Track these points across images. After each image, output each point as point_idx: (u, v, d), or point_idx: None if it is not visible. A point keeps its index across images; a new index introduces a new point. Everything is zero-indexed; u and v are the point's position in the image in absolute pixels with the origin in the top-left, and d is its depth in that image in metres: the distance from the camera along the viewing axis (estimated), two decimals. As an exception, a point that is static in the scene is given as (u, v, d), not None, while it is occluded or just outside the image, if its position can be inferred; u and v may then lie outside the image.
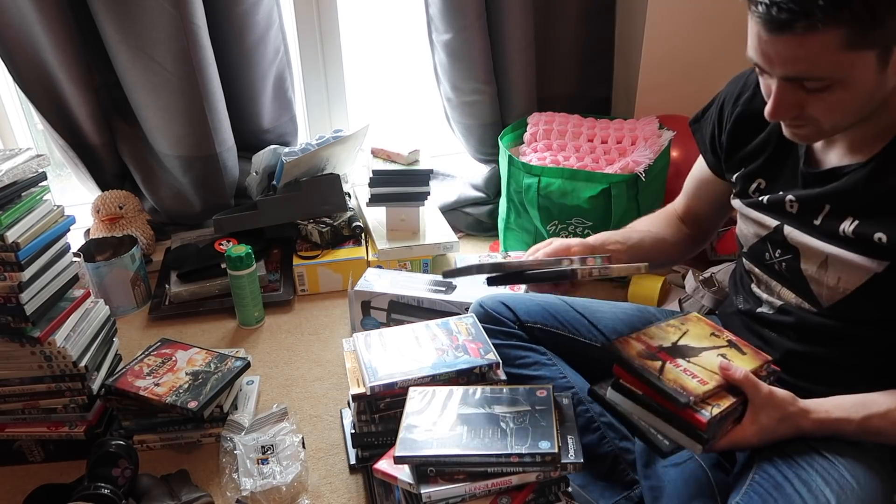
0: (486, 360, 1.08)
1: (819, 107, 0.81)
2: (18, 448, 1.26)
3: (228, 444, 1.23)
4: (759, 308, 1.03)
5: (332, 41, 1.97)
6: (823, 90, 0.78)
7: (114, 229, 1.81)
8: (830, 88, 0.78)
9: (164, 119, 1.74)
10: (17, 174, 1.11)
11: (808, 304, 0.95)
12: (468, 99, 1.95)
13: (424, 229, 1.83)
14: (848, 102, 0.79)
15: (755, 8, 0.76)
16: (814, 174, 0.91)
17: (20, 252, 1.10)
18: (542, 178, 1.66)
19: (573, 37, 1.97)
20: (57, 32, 1.61)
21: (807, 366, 0.97)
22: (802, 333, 0.97)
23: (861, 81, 0.77)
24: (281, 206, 1.81)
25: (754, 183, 1.01)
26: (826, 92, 0.78)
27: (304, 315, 1.71)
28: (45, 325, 1.18)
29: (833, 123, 0.83)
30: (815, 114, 0.82)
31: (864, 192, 0.86)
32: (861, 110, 0.81)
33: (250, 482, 1.14)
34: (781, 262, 0.97)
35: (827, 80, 0.77)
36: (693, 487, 0.96)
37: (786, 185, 0.96)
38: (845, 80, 0.77)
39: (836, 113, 0.81)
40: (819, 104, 0.80)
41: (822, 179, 0.90)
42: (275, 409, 1.32)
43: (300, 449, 1.22)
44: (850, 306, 0.90)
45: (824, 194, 0.90)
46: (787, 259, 0.96)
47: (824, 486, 0.83)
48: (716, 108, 1.08)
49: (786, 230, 0.95)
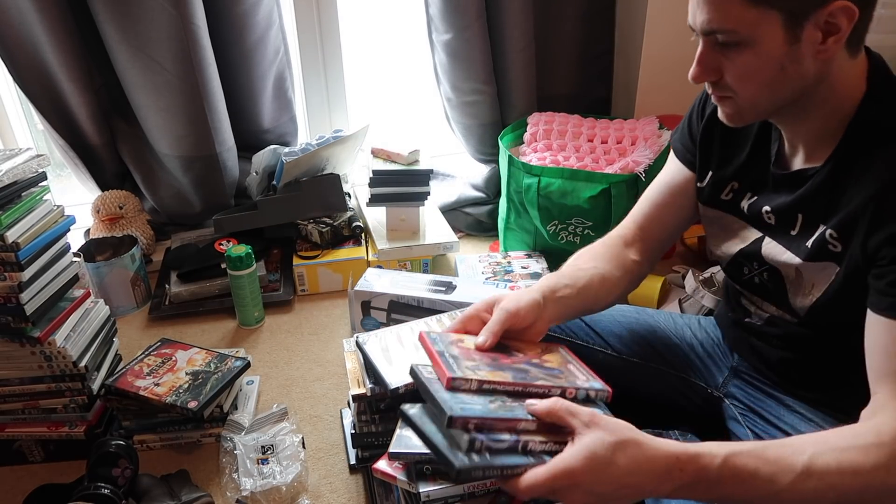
0: None
1: (733, 72, 0.81)
2: (18, 448, 1.26)
3: (228, 444, 1.23)
4: (748, 318, 1.03)
5: (332, 41, 1.97)
6: (734, 48, 0.79)
7: (114, 229, 1.81)
8: (739, 48, 0.78)
9: (164, 119, 1.74)
10: (17, 174, 1.11)
11: (789, 315, 0.94)
12: (468, 99, 1.95)
13: (424, 229, 1.83)
14: (757, 69, 0.79)
15: None
16: (783, 175, 0.90)
17: (20, 252, 1.10)
18: (542, 178, 1.66)
19: (573, 37, 1.97)
20: (57, 32, 1.61)
21: (802, 374, 0.97)
22: (790, 342, 0.97)
23: (768, 46, 0.77)
24: (281, 206, 1.81)
25: (727, 187, 1.00)
26: (736, 51, 0.79)
27: (304, 315, 1.71)
28: (45, 325, 1.18)
29: (748, 96, 0.83)
30: (730, 81, 0.82)
31: (823, 195, 0.85)
32: (773, 84, 0.80)
33: (250, 482, 1.15)
34: (762, 274, 0.96)
35: (735, 34, 0.77)
36: None
37: (756, 188, 0.95)
38: (752, 39, 0.77)
39: (748, 81, 0.81)
40: (733, 69, 0.81)
41: (789, 181, 0.89)
42: (275, 409, 1.32)
43: (300, 449, 1.22)
44: (823, 312, 0.88)
45: (795, 203, 0.89)
46: (766, 270, 0.95)
47: None
48: (684, 126, 1.08)
49: (764, 242, 0.94)
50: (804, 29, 0.75)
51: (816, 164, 0.86)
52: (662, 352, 1.15)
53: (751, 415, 1.03)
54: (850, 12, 0.74)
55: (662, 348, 1.15)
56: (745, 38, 0.77)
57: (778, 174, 0.91)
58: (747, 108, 0.85)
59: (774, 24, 0.76)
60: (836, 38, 0.76)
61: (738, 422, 1.04)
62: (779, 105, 0.84)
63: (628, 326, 1.17)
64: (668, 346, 1.15)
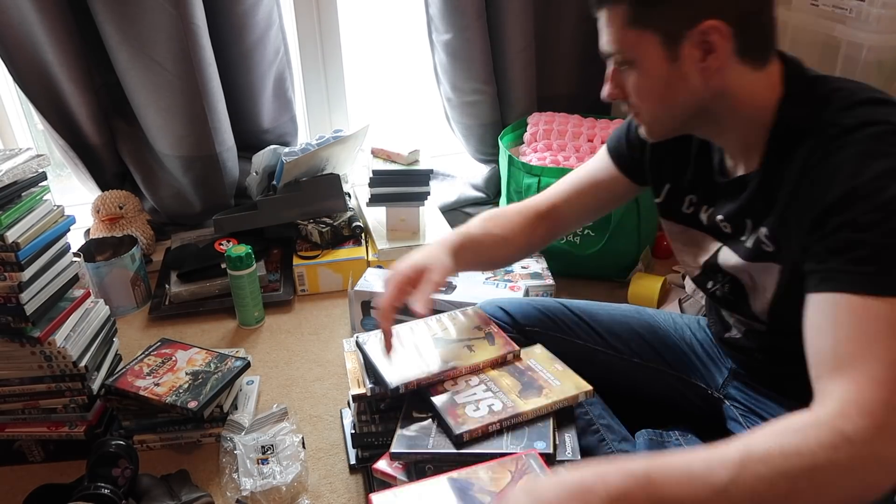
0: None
1: (630, 90, 0.86)
2: (18, 448, 1.26)
3: (228, 444, 1.23)
4: (727, 333, 1.04)
5: (332, 41, 1.97)
6: (627, 68, 0.84)
7: (114, 229, 1.81)
8: (629, 69, 0.84)
9: (164, 119, 1.74)
10: (17, 174, 1.11)
11: (756, 323, 0.95)
12: (468, 99, 1.95)
13: (424, 229, 1.83)
14: (647, 87, 0.84)
15: None
16: (727, 182, 0.92)
17: (20, 252, 1.10)
18: (542, 178, 1.66)
19: (573, 37, 1.97)
20: (57, 33, 1.61)
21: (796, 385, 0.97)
22: (772, 355, 0.98)
23: (649, 64, 0.82)
24: (281, 206, 1.81)
25: (685, 200, 1.00)
26: (628, 71, 0.84)
27: (304, 315, 1.71)
28: (45, 325, 1.18)
29: (647, 111, 0.88)
30: (631, 99, 0.87)
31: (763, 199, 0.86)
32: (665, 100, 0.84)
33: (250, 482, 1.15)
34: (724, 286, 0.96)
35: (622, 54, 0.83)
36: None
37: (710, 199, 0.96)
38: (636, 60, 0.82)
39: (643, 99, 0.86)
40: (629, 87, 0.86)
41: (732, 188, 0.90)
42: (275, 409, 1.32)
43: (300, 449, 1.22)
44: (782, 314, 0.87)
45: (740, 209, 0.89)
46: (728, 281, 0.95)
47: None
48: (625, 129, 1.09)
49: (721, 253, 0.94)
50: (681, 48, 0.79)
51: (751, 171, 0.87)
52: (662, 352, 1.15)
53: (752, 416, 1.03)
54: (721, 31, 0.77)
55: (662, 348, 1.15)
56: (630, 59, 0.83)
57: (722, 182, 0.93)
58: (652, 122, 0.90)
59: (653, 44, 0.80)
60: (714, 56, 0.79)
61: (739, 423, 1.03)
62: (681, 119, 0.87)
63: (628, 326, 1.17)
64: (668, 346, 1.15)
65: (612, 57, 0.86)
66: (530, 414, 0.95)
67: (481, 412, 0.96)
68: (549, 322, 1.16)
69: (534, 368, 1.04)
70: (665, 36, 0.79)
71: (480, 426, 0.93)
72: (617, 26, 0.82)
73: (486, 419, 0.94)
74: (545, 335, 1.15)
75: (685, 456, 0.67)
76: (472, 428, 0.93)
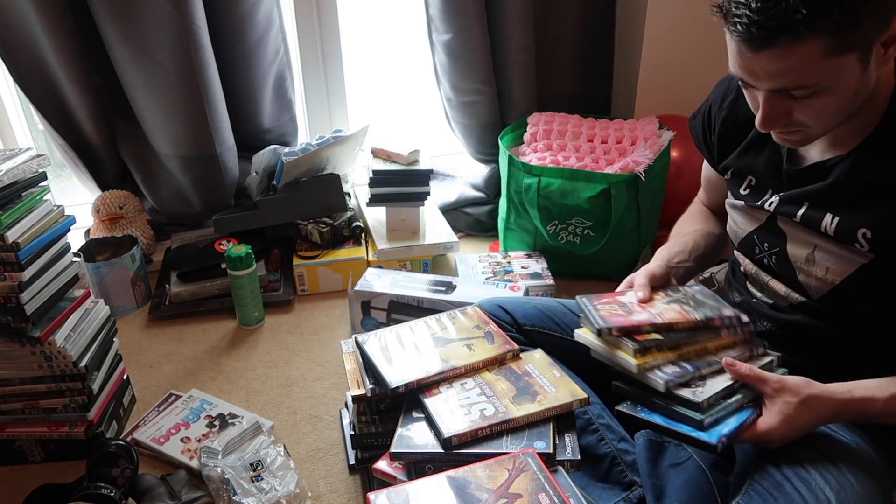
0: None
1: (808, 113, 0.83)
2: (18, 448, 1.26)
3: (213, 471, 1.17)
4: (753, 300, 1.05)
5: (332, 41, 1.97)
6: (811, 97, 0.80)
7: (114, 229, 1.81)
8: (818, 94, 0.80)
9: (164, 119, 1.74)
10: (17, 174, 1.11)
11: (798, 294, 0.96)
12: (468, 99, 1.95)
13: (424, 229, 1.83)
14: (835, 105, 0.82)
15: (734, 28, 0.77)
16: (797, 171, 0.93)
17: (20, 252, 1.10)
18: (542, 178, 1.66)
19: (573, 37, 1.97)
20: (57, 33, 1.61)
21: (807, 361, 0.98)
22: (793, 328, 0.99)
23: (846, 83, 0.80)
24: (281, 206, 1.81)
25: (745, 181, 1.04)
26: (813, 98, 0.81)
27: (304, 315, 1.71)
28: (45, 325, 1.18)
29: (822, 127, 0.86)
30: (804, 119, 0.84)
31: (844, 185, 0.87)
32: (848, 109, 0.84)
33: (255, 501, 1.12)
34: (771, 255, 0.99)
35: (815, 87, 0.79)
36: (693, 488, 0.96)
37: (772, 184, 0.98)
38: (832, 85, 0.79)
39: (825, 116, 0.84)
40: (807, 110, 0.83)
41: (804, 175, 0.92)
42: (246, 427, 1.28)
43: (287, 458, 1.21)
44: (839, 297, 0.91)
45: (804, 193, 0.92)
46: (775, 252, 0.98)
47: (824, 485, 0.83)
48: (704, 113, 1.11)
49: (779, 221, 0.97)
50: (872, 53, 0.78)
51: (836, 155, 0.88)
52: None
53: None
54: None
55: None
56: (826, 86, 0.79)
57: (792, 171, 0.94)
58: (818, 134, 0.89)
59: (852, 63, 0.78)
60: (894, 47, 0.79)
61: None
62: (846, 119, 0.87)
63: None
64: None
65: (785, 90, 0.81)
66: (521, 420, 0.95)
67: (473, 416, 0.95)
68: (549, 321, 1.17)
69: (531, 373, 1.04)
70: (863, 51, 0.78)
71: (470, 430, 0.93)
72: (813, 59, 0.76)
73: (477, 423, 0.94)
74: (545, 334, 1.15)
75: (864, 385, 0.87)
76: (461, 432, 0.93)
